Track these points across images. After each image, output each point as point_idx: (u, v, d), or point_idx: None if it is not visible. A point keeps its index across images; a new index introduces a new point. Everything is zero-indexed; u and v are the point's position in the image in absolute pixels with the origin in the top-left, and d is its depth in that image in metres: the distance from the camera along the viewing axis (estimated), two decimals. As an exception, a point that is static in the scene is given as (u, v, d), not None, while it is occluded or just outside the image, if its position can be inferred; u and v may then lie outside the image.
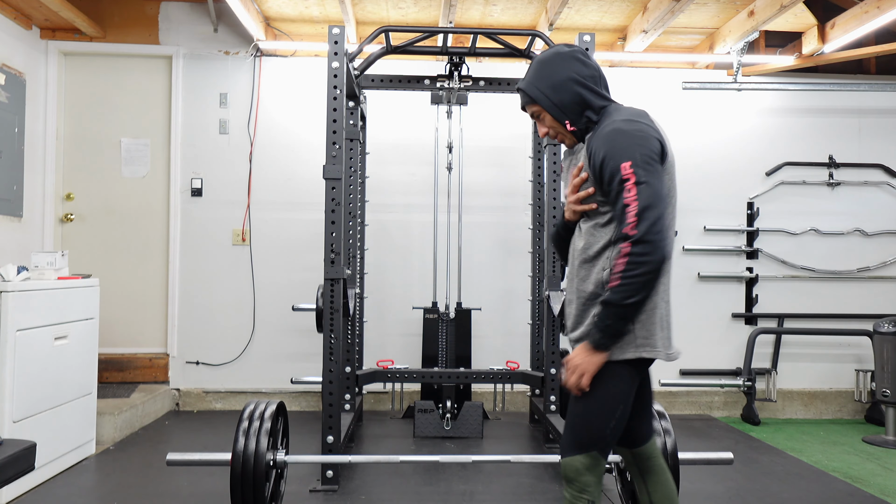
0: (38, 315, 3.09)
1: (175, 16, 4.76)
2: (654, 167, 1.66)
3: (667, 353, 1.76)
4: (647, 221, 1.61)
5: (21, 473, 1.98)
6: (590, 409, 1.76)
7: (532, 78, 1.83)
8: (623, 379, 1.74)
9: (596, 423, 1.74)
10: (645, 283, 1.61)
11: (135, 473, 3.32)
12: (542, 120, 1.85)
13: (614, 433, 1.74)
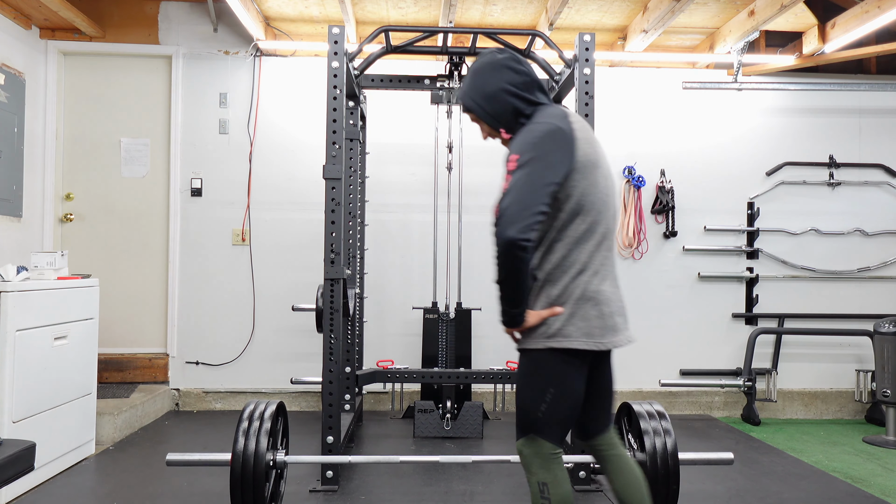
0: (37, 315, 3.09)
1: (175, 15, 4.76)
2: (538, 164, 1.76)
3: (597, 342, 1.87)
4: (503, 204, 1.80)
5: (21, 473, 1.98)
6: (522, 396, 1.90)
7: (468, 89, 1.96)
8: (546, 365, 1.85)
9: (529, 408, 1.86)
10: (501, 263, 1.81)
11: (134, 473, 3.32)
12: (481, 125, 1.99)
13: (550, 418, 1.84)
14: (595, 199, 1.89)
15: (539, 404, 1.84)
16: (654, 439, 2.66)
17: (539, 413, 1.84)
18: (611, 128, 4.90)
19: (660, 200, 4.87)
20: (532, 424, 1.86)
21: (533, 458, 1.86)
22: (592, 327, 1.86)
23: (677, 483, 2.62)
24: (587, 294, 1.89)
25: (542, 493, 1.83)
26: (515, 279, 1.80)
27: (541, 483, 1.84)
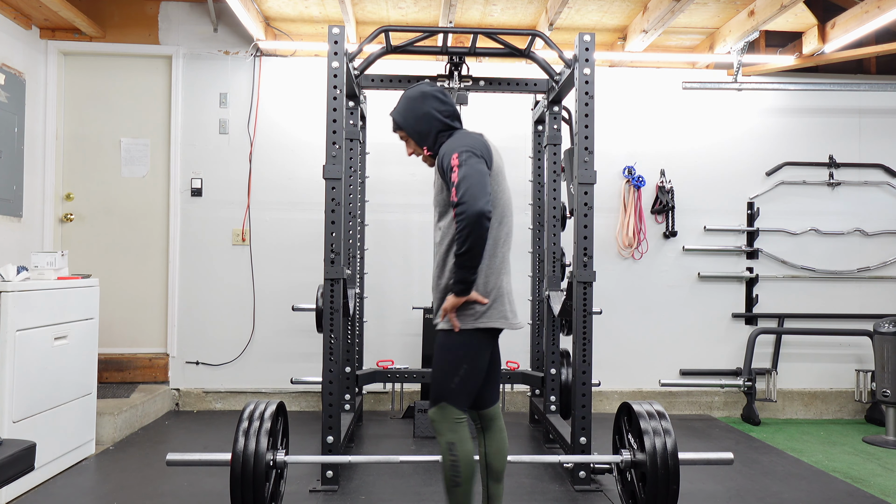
0: (37, 315, 3.09)
1: (175, 16, 4.76)
2: (474, 158, 2.19)
3: (511, 323, 2.31)
4: (461, 189, 2.13)
5: (21, 473, 1.98)
6: (440, 369, 2.28)
7: (402, 109, 2.42)
8: (466, 344, 2.26)
9: (444, 380, 2.25)
10: (466, 235, 2.11)
11: (135, 473, 3.32)
12: (408, 143, 2.47)
13: (461, 389, 2.24)
14: (502, 203, 2.34)
15: (454, 377, 2.24)
16: (653, 439, 2.66)
17: (453, 384, 2.23)
18: (611, 128, 4.90)
19: (660, 200, 4.87)
20: (446, 394, 2.25)
21: (443, 422, 2.25)
22: (505, 312, 2.31)
23: (677, 483, 2.62)
24: (502, 289, 2.32)
25: (451, 451, 2.22)
26: (480, 248, 2.14)
27: (449, 443, 2.23)
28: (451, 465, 2.21)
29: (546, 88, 3.98)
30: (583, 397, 3.13)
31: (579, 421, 3.13)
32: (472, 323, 2.25)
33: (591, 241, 3.15)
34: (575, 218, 3.20)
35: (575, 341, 3.16)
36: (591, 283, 3.15)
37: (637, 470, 2.78)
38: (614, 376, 4.83)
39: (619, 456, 2.85)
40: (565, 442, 3.32)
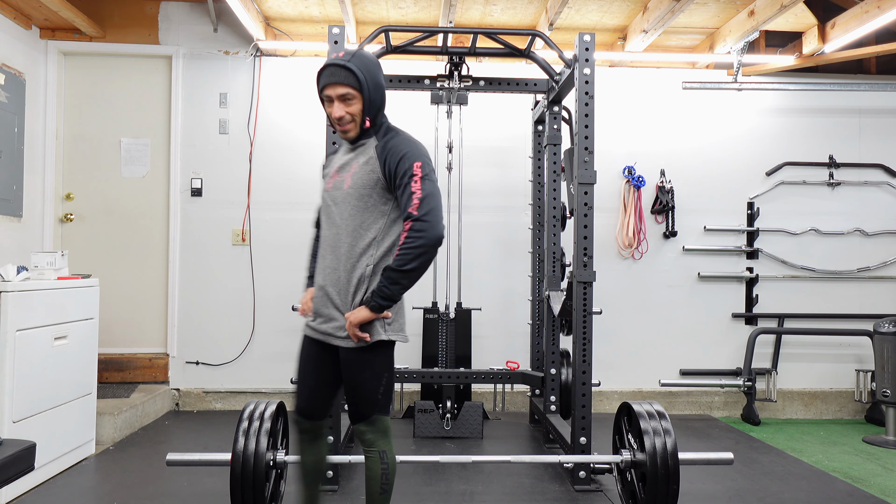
0: (37, 315, 3.09)
1: (175, 16, 4.76)
2: (434, 175, 2.09)
3: (405, 336, 2.21)
4: (426, 206, 2.01)
5: (21, 473, 1.98)
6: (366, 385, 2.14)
7: (363, 67, 2.07)
8: (385, 354, 2.15)
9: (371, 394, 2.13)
10: (420, 254, 1.99)
11: (135, 473, 3.32)
12: (349, 104, 2.08)
13: (386, 398, 2.16)
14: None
15: (379, 388, 2.14)
16: (653, 439, 2.67)
17: (378, 395, 2.14)
18: (611, 128, 4.90)
19: (660, 200, 4.87)
20: (374, 407, 2.15)
21: (376, 433, 2.16)
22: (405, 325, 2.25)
23: (677, 483, 2.62)
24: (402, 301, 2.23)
25: (383, 460, 2.16)
26: (424, 270, 2.04)
27: (381, 451, 2.16)
28: (383, 472, 2.15)
29: (546, 88, 3.98)
30: (583, 397, 3.13)
31: (579, 421, 3.13)
32: (394, 335, 2.14)
33: (591, 241, 3.15)
34: (575, 218, 3.20)
35: (575, 341, 3.16)
36: (591, 283, 3.15)
37: (637, 470, 2.78)
38: (614, 376, 4.83)
39: (619, 456, 2.85)
40: (565, 442, 3.32)
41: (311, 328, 2.22)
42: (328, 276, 2.14)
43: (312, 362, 2.23)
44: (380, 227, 2.10)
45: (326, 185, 2.21)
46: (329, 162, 2.30)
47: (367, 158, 2.11)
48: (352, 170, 2.13)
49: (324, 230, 2.20)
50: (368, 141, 2.15)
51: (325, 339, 2.17)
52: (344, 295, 2.11)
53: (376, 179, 2.08)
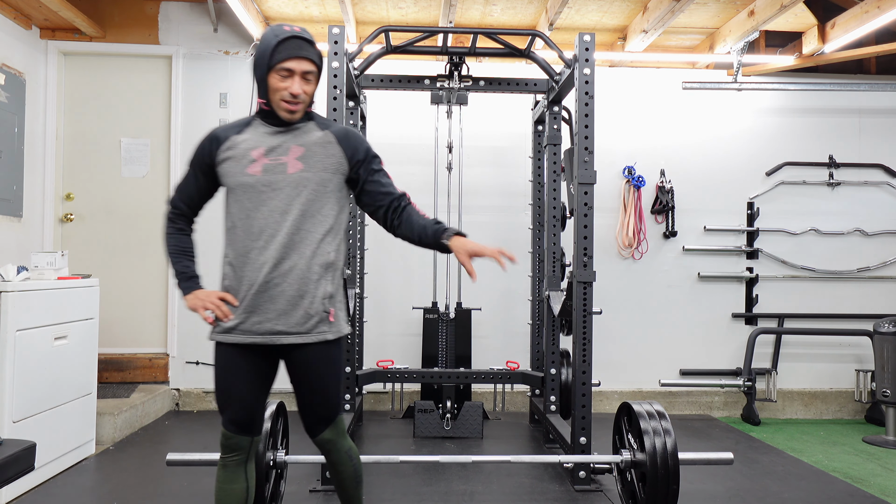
0: (37, 315, 3.09)
1: (175, 16, 4.76)
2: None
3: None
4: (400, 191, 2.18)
5: (21, 473, 1.98)
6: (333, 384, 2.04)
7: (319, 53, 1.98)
8: (344, 350, 2.09)
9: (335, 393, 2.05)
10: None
11: (135, 473, 3.32)
12: (309, 82, 1.96)
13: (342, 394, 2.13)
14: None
15: (340, 386, 2.07)
16: (653, 439, 2.67)
17: (339, 392, 2.07)
18: (611, 128, 4.90)
19: (660, 200, 4.87)
20: (338, 407, 2.08)
21: (340, 435, 2.09)
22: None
23: (677, 483, 2.62)
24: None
25: (351, 458, 2.12)
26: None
27: (349, 448, 2.12)
28: (354, 469, 2.12)
29: (546, 88, 3.98)
30: (583, 397, 3.13)
31: (579, 421, 3.13)
32: (347, 326, 2.07)
33: (591, 241, 3.15)
34: (575, 218, 3.20)
35: (575, 341, 3.16)
36: (591, 283, 3.15)
37: (637, 470, 2.78)
38: (614, 376, 4.83)
39: (619, 456, 2.85)
40: (565, 442, 3.32)
41: (243, 331, 1.94)
42: (271, 269, 1.92)
43: (244, 370, 1.97)
44: (336, 212, 2.01)
45: (248, 168, 1.95)
46: (233, 144, 1.99)
47: (320, 143, 2.00)
48: (297, 153, 1.96)
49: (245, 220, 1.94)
50: (307, 125, 2.01)
51: (268, 341, 1.94)
52: (305, 284, 1.93)
53: (338, 165, 2.00)
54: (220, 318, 1.95)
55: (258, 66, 1.93)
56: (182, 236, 2.08)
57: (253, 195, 1.95)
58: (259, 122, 2.01)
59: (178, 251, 2.07)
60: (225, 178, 2.00)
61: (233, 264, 1.97)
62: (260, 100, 1.97)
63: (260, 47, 1.93)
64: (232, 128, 2.04)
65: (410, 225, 2.07)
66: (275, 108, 1.94)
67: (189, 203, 2.08)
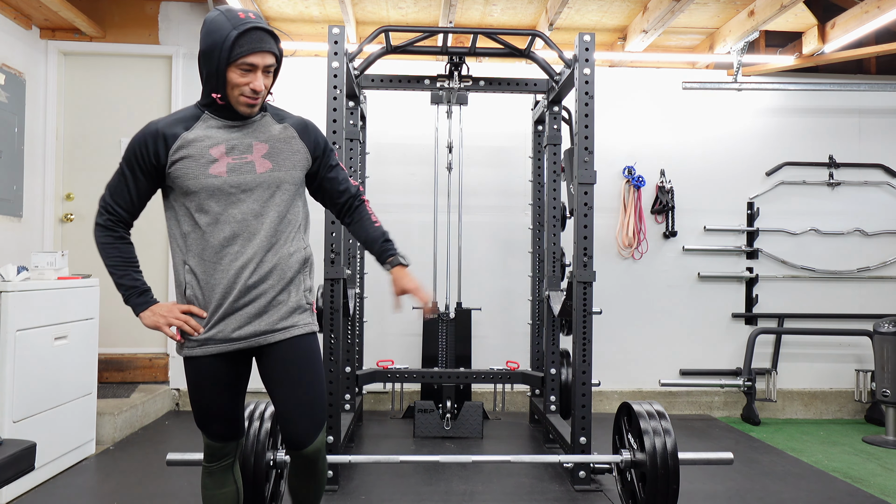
0: (37, 315, 3.09)
1: (175, 15, 4.76)
2: None
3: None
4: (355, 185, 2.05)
5: (21, 473, 1.98)
6: (321, 382, 1.92)
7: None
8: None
9: (324, 393, 1.94)
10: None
11: (135, 473, 3.32)
12: (269, 76, 1.84)
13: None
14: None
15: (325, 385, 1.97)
16: (653, 439, 2.67)
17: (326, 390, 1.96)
18: (611, 128, 4.90)
19: (660, 200, 4.87)
20: (325, 410, 1.94)
21: (323, 445, 1.95)
22: None
23: (677, 483, 2.62)
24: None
25: (325, 470, 2.01)
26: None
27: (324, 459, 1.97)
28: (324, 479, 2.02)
29: (546, 88, 3.98)
30: (583, 397, 3.13)
31: (579, 421, 3.13)
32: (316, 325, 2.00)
33: (591, 241, 3.15)
34: (575, 218, 3.20)
35: (575, 341, 3.16)
36: (591, 283, 3.15)
37: (637, 470, 2.78)
38: (614, 376, 4.83)
39: (619, 456, 2.85)
40: (565, 442, 3.32)
41: (221, 340, 1.83)
42: (252, 272, 1.81)
43: (223, 382, 1.86)
44: (302, 206, 1.94)
45: (211, 169, 1.79)
46: (185, 142, 1.80)
47: (282, 138, 1.90)
48: (261, 151, 1.85)
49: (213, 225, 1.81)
50: (263, 117, 1.91)
51: (251, 344, 1.84)
52: (287, 283, 1.86)
53: (304, 161, 1.92)
54: (187, 333, 1.82)
55: (211, 58, 1.74)
56: (123, 245, 1.91)
57: (221, 198, 1.80)
58: (209, 115, 1.84)
59: (122, 262, 1.92)
60: (181, 180, 1.79)
61: (196, 272, 1.83)
62: (215, 94, 1.79)
63: (214, 37, 1.73)
64: (176, 123, 1.82)
65: (361, 229, 2.02)
66: (232, 104, 1.80)
67: (128, 208, 1.86)
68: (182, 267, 1.86)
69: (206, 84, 1.81)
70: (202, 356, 1.84)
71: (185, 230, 1.84)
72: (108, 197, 1.86)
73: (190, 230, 1.83)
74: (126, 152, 1.83)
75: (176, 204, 1.85)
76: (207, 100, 1.83)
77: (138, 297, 1.90)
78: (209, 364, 1.85)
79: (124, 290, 1.91)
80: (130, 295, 1.90)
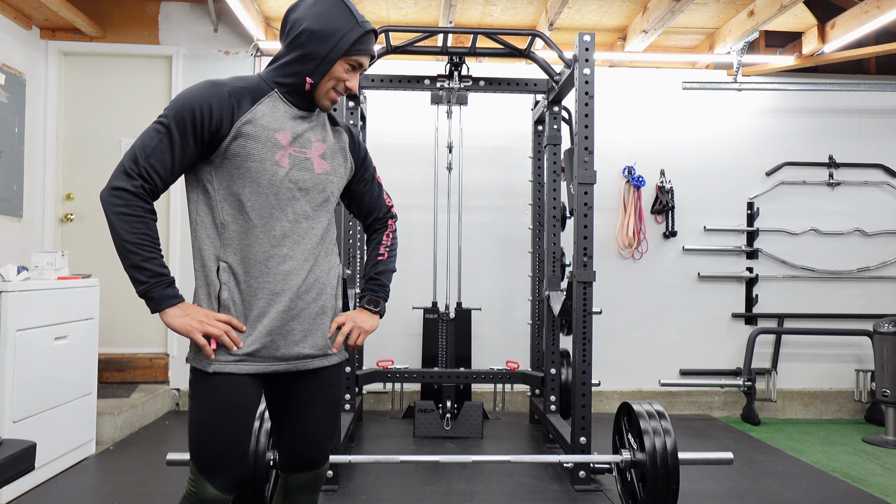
0: (38, 315, 3.09)
1: (175, 16, 4.76)
2: None
3: None
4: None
5: (21, 473, 1.98)
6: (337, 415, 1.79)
7: None
8: None
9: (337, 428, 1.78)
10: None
11: (135, 473, 3.32)
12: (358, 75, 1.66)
13: None
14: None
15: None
16: (653, 439, 2.67)
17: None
18: (611, 128, 4.90)
19: (659, 200, 4.87)
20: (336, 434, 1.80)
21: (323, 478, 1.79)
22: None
23: (677, 483, 2.62)
24: None
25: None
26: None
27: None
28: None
29: (546, 88, 3.98)
30: (583, 397, 3.13)
31: (579, 421, 3.13)
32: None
33: (591, 241, 3.15)
34: (575, 218, 3.21)
35: (575, 341, 3.17)
36: (591, 283, 3.15)
37: (637, 470, 2.79)
38: (614, 376, 4.83)
39: (619, 456, 2.85)
40: (565, 442, 3.32)
41: (266, 358, 1.57)
42: (301, 281, 1.60)
43: (251, 412, 1.57)
44: (334, 220, 1.72)
45: (277, 156, 1.57)
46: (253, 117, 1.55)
47: (338, 141, 1.73)
48: (319, 150, 1.65)
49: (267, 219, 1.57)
50: (321, 117, 1.70)
51: (295, 367, 1.61)
52: (326, 299, 1.66)
53: (350, 170, 1.76)
54: (225, 346, 1.53)
55: (326, 42, 1.55)
56: (153, 221, 1.57)
57: (281, 191, 1.57)
58: (278, 95, 1.60)
59: (150, 242, 1.54)
60: (240, 159, 1.54)
61: (236, 272, 1.56)
62: (309, 79, 1.58)
63: (336, 23, 1.56)
64: (245, 91, 1.57)
65: (370, 250, 1.87)
66: (317, 95, 1.61)
67: (164, 176, 1.53)
68: (214, 263, 1.59)
69: (296, 63, 1.57)
70: (237, 374, 1.53)
71: (223, 219, 1.56)
72: (141, 158, 1.51)
73: (230, 220, 1.56)
74: (177, 109, 1.51)
75: (216, 185, 1.56)
76: (288, 79, 1.59)
77: (166, 287, 1.54)
78: (242, 384, 1.53)
79: (148, 277, 1.52)
80: (156, 284, 1.52)
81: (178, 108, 1.50)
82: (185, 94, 1.53)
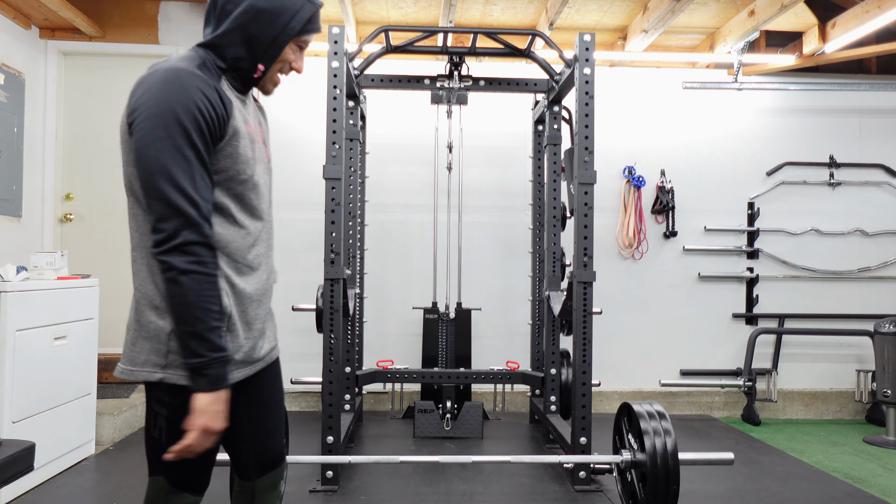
0: (37, 315, 3.09)
1: (175, 15, 4.75)
2: None
3: None
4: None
5: (20, 473, 1.97)
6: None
7: None
8: None
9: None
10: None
11: (134, 473, 3.32)
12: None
13: None
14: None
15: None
16: (654, 439, 2.66)
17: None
18: (611, 128, 4.90)
19: (660, 200, 4.87)
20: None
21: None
22: None
23: (677, 483, 2.62)
24: None
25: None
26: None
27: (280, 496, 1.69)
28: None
29: (546, 88, 3.97)
30: (583, 397, 3.13)
31: (579, 421, 3.13)
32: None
33: (591, 241, 3.15)
34: (575, 218, 3.20)
35: (575, 341, 3.16)
36: (591, 283, 3.15)
37: (637, 470, 2.78)
38: (614, 376, 4.83)
39: (620, 456, 2.85)
40: (565, 442, 3.32)
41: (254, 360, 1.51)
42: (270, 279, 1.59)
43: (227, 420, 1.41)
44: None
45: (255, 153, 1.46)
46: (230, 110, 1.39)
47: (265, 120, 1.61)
48: (262, 135, 1.54)
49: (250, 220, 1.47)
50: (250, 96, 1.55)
51: (267, 363, 1.58)
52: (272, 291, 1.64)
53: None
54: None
55: (275, 23, 1.40)
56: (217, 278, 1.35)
57: (260, 188, 1.48)
58: (227, 82, 1.44)
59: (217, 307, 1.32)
60: (231, 160, 1.38)
61: (234, 281, 1.43)
62: (261, 65, 1.44)
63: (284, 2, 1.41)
64: (211, 79, 1.38)
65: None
66: (265, 81, 1.48)
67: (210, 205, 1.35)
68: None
69: (241, 46, 1.41)
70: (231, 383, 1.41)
71: (213, 228, 1.37)
72: (193, 193, 1.27)
73: (220, 228, 1.39)
74: (182, 115, 1.29)
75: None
76: (236, 64, 1.43)
77: (224, 366, 1.34)
78: (232, 392, 1.40)
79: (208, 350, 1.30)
80: (217, 360, 1.31)
81: (183, 115, 1.29)
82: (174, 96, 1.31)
